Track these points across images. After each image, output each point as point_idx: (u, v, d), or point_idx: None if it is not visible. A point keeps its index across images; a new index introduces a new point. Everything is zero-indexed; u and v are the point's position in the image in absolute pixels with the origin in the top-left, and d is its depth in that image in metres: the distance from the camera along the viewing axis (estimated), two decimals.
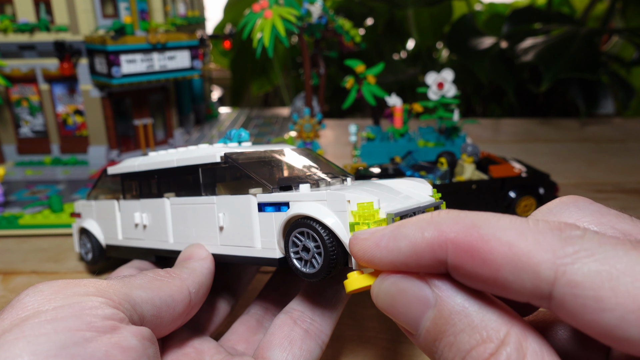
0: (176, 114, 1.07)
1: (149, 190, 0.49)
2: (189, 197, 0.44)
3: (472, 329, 0.23)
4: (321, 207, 0.33)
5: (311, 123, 0.94)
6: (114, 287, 0.31)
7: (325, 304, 0.39)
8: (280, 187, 0.38)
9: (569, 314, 0.20)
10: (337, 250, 0.32)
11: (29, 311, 0.27)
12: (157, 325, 0.33)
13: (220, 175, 0.42)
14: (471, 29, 1.81)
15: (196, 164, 0.42)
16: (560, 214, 0.28)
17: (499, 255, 0.21)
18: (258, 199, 0.38)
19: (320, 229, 0.32)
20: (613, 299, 0.19)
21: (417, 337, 0.25)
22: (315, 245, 0.33)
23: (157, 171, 0.47)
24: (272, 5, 0.87)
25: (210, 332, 0.44)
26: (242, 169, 0.39)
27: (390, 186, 0.38)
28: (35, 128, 0.98)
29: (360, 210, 0.31)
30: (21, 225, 0.73)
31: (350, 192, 0.33)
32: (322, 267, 0.33)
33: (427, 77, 0.89)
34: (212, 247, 0.41)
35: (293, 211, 0.34)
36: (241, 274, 0.49)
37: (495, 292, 0.23)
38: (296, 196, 0.35)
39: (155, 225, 0.47)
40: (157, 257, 0.48)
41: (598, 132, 1.34)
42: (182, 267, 0.39)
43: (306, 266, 0.34)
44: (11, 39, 0.90)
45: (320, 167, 0.44)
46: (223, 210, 0.40)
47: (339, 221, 0.32)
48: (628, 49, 1.86)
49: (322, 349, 0.38)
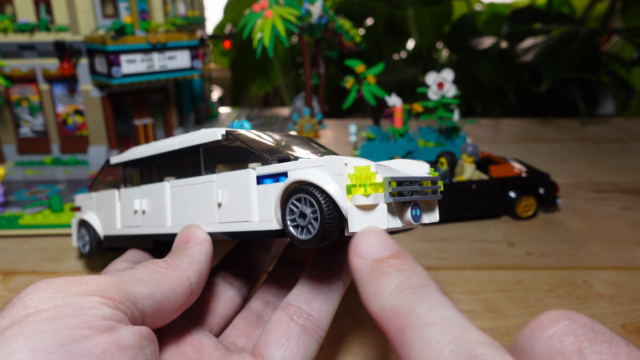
0: (176, 114, 1.07)
1: (150, 176, 0.49)
2: (189, 178, 0.44)
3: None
4: (319, 172, 0.33)
5: (311, 123, 0.94)
6: (114, 285, 0.31)
7: (321, 298, 0.39)
8: (278, 159, 0.38)
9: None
10: (334, 214, 0.32)
11: (29, 309, 0.27)
12: (158, 318, 0.34)
13: (221, 156, 0.43)
14: (471, 29, 1.81)
15: (198, 144, 0.43)
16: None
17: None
18: (257, 172, 0.38)
19: (317, 193, 0.33)
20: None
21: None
22: (312, 210, 0.33)
23: (159, 156, 0.47)
24: (272, 5, 0.87)
25: (222, 325, 0.44)
26: (242, 144, 0.39)
27: (389, 165, 0.39)
28: (35, 128, 0.98)
29: (357, 173, 0.32)
30: (21, 225, 0.73)
31: (347, 157, 0.33)
32: (318, 231, 0.33)
33: (427, 77, 0.89)
34: (210, 225, 0.41)
35: (291, 178, 0.34)
36: (256, 264, 0.49)
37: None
38: (294, 165, 0.35)
39: (154, 210, 0.47)
40: (155, 242, 0.48)
41: (598, 132, 1.34)
42: (181, 255, 0.38)
43: (302, 233, 0.34)
44: (11, 39, 0.90)
45: (319, 150, 0.45)
46: (222, 187, 0.40)
47: (336, 185, 0.32)
48: (628, 49, 1.86)
49: (319, 343, 0.38)
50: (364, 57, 1.75)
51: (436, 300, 0.26)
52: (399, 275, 0.28)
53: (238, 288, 0.46)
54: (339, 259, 0.41)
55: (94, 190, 0.58)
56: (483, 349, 0.22)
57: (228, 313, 0.44)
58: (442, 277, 0.59)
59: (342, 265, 0.41)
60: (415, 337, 0.24)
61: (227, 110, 1.53)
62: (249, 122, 0.47)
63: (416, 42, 2.11)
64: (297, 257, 0.48)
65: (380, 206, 0.32)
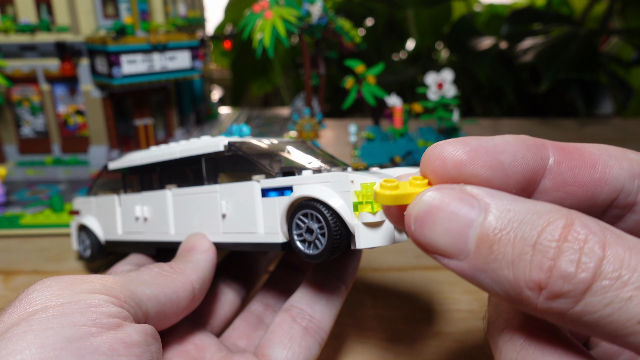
0: (177, 114, 1.07)
1: (150, 183, 0.49)
2: (191, 187, 0.44)
3: (535, 215, 0.20)
4: (325, 188, 0.34)
5: (311, 123, 0.94)
6: (119, 284, 0.31)
7: (323, 301, 0.39)
8: (283, 173, 0.38)
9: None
10: (341, 230, 0.33)
11: (36, 306, 0.27)
12: (161, 320, 0.34)
13: (223, 165, 0.43)
14: (471, 29, 1.81)
15: (199, 154, 0.43)
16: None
17: (594, 150, 0.25)
18: (262, 184, 0.38)
19: (324, 210, 0.33)
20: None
21: (464, 257, 0.22)
22: (318, 226, 0.33)
23: (159, 163, 0.47)
24: (273, 5, 0.88)
25: (221, 326, 0.44)
26: (245, 156, 0.40)
27: (390, 174, 0.39)
28: (36, 128, 0.98)
29: (363, 190, 0.32)
30: (22, 225, 0.73)
31: (353, 173, 0.33)
32: (326, 247, 0.33)
33: (426, 78, 0.89)
34: (215, 235, 0.42)
35: (297, 193, 0.35)
36: (254, 266, 0.49)
37: (588, 183, 0.25)
38: (300, 179, 0.35)
39: (156, 217, 0.47)
40: (157, 249, 0.48)
41: (597, 132, 1.34)
42: (186, 261, 0.39)
43: (309, 248, 0.34)
44: (12, 40, 0.90)
45: (320, 157, 0.45)
46: (226, 198, 0.40)
47: (342, 201, 0.33)
48: (627, 49, 1.87)
49: (321, 345, 0.38)
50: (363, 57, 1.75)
51: None
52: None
53: (237, 290, 0.47)
54: (341, 263, 0.41)
55: (92, 194, 0.58)
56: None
57: (228, 314, 0.45)
58: (442, 277, 0.59)
59: (344, 269, 0.41)
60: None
61: (227, 110, 1.54)
62: (248, 127, 0.47)
63: (416, 42, 2.11)
64: (298, 260, 0.48)
65: (387, 223, 0.32)
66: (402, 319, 0.51)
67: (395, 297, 0.55)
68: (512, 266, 0.20)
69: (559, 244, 0.19)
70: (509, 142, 0.24)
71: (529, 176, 0.24)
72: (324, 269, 0.41)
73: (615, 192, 0.25)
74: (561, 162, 0.25)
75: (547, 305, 0.20)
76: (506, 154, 0.24)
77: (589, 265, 0.19)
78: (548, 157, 0.25)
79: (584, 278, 0.19)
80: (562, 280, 0.19)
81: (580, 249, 0.19)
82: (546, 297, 0.20)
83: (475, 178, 0.23)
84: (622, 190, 0.25)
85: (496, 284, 0.21)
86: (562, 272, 0.19)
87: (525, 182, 0.24)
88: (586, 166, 0.25)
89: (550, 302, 0.20)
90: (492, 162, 0.23)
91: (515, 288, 0.20)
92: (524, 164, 0.24)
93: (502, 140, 0.24)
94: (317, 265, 0.41)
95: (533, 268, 0.20)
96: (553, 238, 0.20)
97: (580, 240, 0.19)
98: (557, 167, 0.25)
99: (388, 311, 0.53)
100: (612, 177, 0.25)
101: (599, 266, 0.19)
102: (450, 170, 0.23)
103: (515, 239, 0.20)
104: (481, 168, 0.23)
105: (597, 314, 0.19)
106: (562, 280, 0.19)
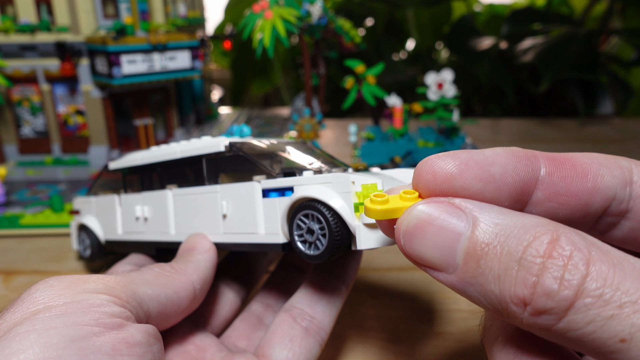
0: (177, 114, 1.07)
1: (150, 183, 0.49)
2: (192, 187, 0.44)
3: (522, 229, 0.21)
4: (326, 189, 0.34)
5: (311, 123, 0.94)
6: (121, 284, 0.31)
7: (324, 301, 0.39)
8: (284, 173, 0.38)
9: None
10: (342, 231, 0.33)
11: (39, 305, 0.27)
12: (162, 320, 0.34)
13: (224, 166, 0.43)
14: (471, 29, 1.81)
15: (200, 154, 0.43)
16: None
17: (585, 159, 0.26)
18: (262, 185, 0.38)
19: (325, 211, 0.33)
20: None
21: (452, 270, 0.22)
22: (319, 227, 0.33)
23: (160, 164, 0.47)
24: (273, 5, 0.88)
25: (222, 326, 0.44)
26: (246, 157, 0.40)
27: (391, 175, 0.39)
28: (36, 128, 0.98)
29: (364, 191, 0.32)
30: (22, 225, 0.73)
31: (354, 174, 0.33)
32: (327, 248, 0.33)
33: (426, 78, 0.89)
34: (215, 235, 0.42)
35: (298, 194, 0.35)
36: (254, 266, 0.49)
37: (580, 193, 0.25)
38: (301, 180, 0.35)
39: (157, 217, 0.47)
40: (157, 249, 0.48)
41: (597, 132, 1.34)
42: (187, 262, 0.39)
43: (310, 248, 0.34)
44: (12, 40, 0.90)
45: (320, 158, 0.45)
46: (226, 198, 0.41)
47: (343, 202, 0.33)
48: (627, 49, 1.87)
49: (321, 346, 0.38)
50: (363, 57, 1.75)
51: None
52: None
53: (237, 290, 0.47)
54: (342, 264, 0.41)
55: (92, 194, 0.58)
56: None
57: (228, 315, 0.45)
58: None
59: (345, 269, 0.41)
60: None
61: (227, 110, 1.54)
62: (248, 127, 0.47)
63: (416, 42, 2.11)
64: (298, 261, 0.48)
65: None
66: (402, 319, 0.51)
67: (395, 297, 0.55)
68: (499, 281, 0.21)
69: (543, 260, 0.20)
70: (499, 154, 0.25)
71: (520, 188, 0.24)
72: (325, 269, 0.41)
73: (607, 200, 0.25)
74: (553, 172, 0.25)
75: (532, 320, 0.20)
76: (497, 166, 0.24)
77: (572, 283, 0.19)
78: (539, 168, 0.25)
79: (566, 295, 0.19)
80: (545, 297, 0.19)
81: (564, 265, 0.19)
82: (530, 313, 0.20)
83: (466, 191, 0.23)
84: (614, 198, 0.26)
85: (484, 297, 0.21)
86: (546, 289, 0.19)
87: (518, 193, 0.25)
88: (578, 176, 0.25)
89: (535, 318, 0.20)
90: (482, 175, 0.24)
91: (502, 303, 0.21)
92: (515, 175, 0.24)
93: (492, 152, 0.25)
94: (318, 265, 0.41)
95: (518, 284, 0.20)
96: (538, 254, 0.20)
97: (564, 257, 0.19)
98: (549, 177, 0.25)
99: (388, 311, 0.53)
100: (604, 186, 0.25)
101: (582, 284, 0.19)
102: (441, 183, 0.24)
103: (502, 253, 0.21)
104: (472, 181, 0.23)
105: (579, 331, 0.19)
106: (546, 297, 0.19)
